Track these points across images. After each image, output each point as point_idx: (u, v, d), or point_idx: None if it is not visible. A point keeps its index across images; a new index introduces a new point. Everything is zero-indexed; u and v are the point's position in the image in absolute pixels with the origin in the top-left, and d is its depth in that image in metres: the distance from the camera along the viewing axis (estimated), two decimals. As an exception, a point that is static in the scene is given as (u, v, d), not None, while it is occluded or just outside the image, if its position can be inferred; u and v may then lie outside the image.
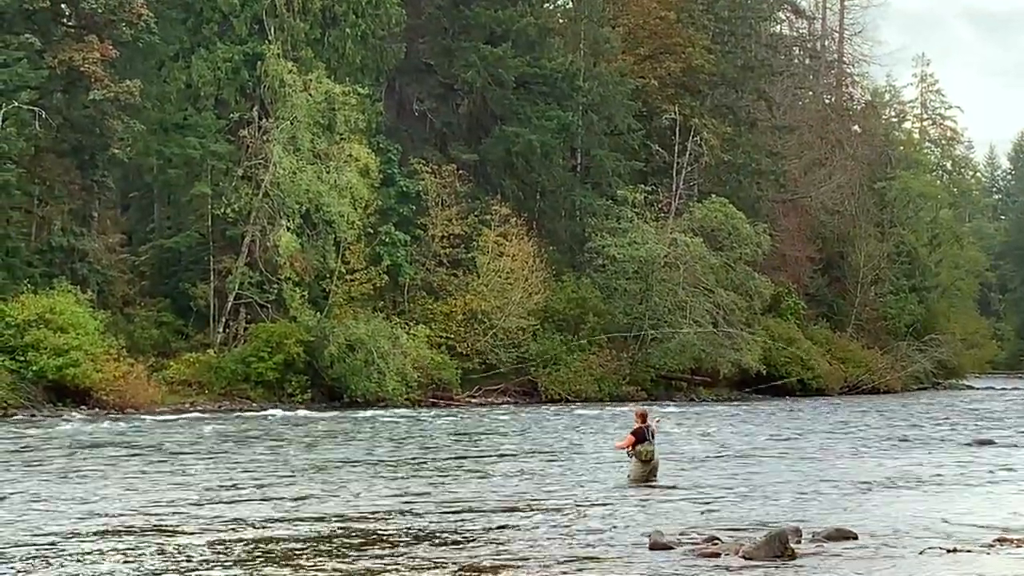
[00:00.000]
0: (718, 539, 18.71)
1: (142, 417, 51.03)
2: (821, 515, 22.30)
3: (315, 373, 62.39)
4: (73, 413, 51.92)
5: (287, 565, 16.93)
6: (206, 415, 53.49)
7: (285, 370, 61.26)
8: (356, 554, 17.88)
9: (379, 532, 19.98)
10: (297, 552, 18.04)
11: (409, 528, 20.50)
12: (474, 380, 68.18)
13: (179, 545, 18.59)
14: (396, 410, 58.33)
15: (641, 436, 27.26)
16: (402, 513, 22.35)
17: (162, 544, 18.66)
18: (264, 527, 20.49)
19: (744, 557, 17.33)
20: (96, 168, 61.33)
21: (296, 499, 24.41)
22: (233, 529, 20.23)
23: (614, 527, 20.61)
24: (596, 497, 24.87)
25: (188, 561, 17.28)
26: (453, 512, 22.59)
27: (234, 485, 26.83)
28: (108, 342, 55.83)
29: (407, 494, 25.34)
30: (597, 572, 16.44)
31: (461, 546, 18.61)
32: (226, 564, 17.05)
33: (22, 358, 53.39)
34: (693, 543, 18.60)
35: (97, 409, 53.62)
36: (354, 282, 66.70)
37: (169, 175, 64.64)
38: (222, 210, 63.13)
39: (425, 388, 64.49)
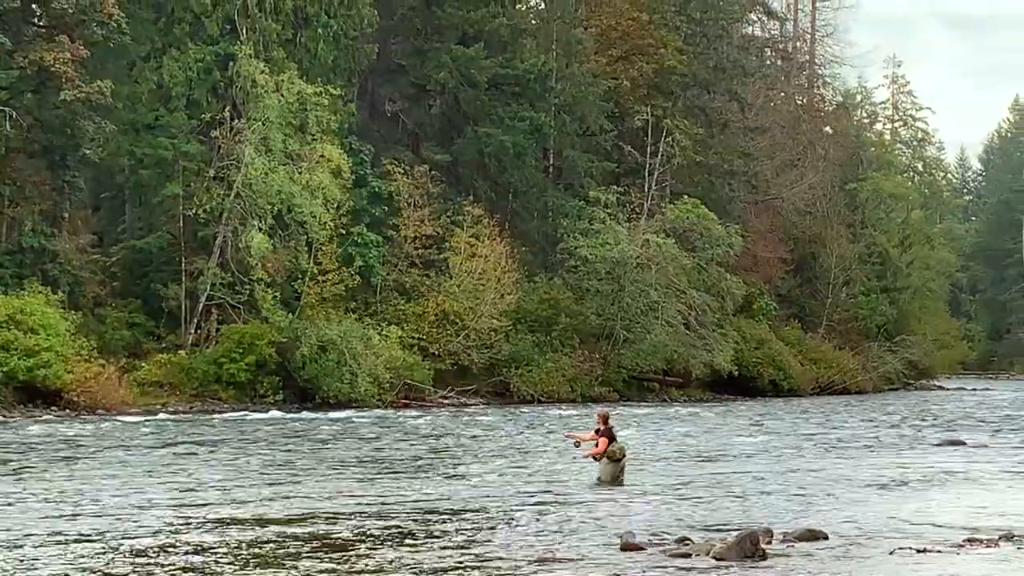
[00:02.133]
0: (689, 540, 18.75)
1: (113, 418, 50.86)
2: (792, 515, 22.36)
3: (287, 374, 62.27)
4: (44, 415, 51.74)
5: (255, 567, 16.89)
6: (177, 416, 53.38)
7: (257, 371, 61.11)
8: (323, 555, 17.85)
9: (347, 533, 19.95)
10: (265, 554, 18.00)
11: (378, 529, 20.47)
12: (446, 381, 68.12)
13: (138, 548, 18.53)
14: (368, 411, 58.27)
15: (610, 436, 27.35)
16: (371, 514, 22.32)
17: (122, 546, 18.60)
18: (230, 529, 20.43)
19: (715, 558, 17.37)
20: (67, 168, 61.12)
21: (264, 500, 24.36)
22: (198, 531, 20.18)
23: (585, 528, 20.63)
24: (567, 498, 24.88)
25: (148, 564, 17.23)
26: (423, 513, 22.58)
27: (201, 487, 26.76)
28: (79, 343, 55.66)
29: (377, 495, 25.32)
30: (568, 573, 16.45)
31: (431, 547, 18.60)
32: (187, 567, 17.00)
33: (-8, 359, 53.17)
34: (664, 544, 18.62)
35: (68, 410, 53.43)
36: (326, 283, 66.60)
37: (140, 176, 64.44)
38: (194, 211, 62.96)
39: (397, 389, 64.40)
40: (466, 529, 20.50)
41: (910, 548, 18.71)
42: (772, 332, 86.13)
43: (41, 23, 61.51)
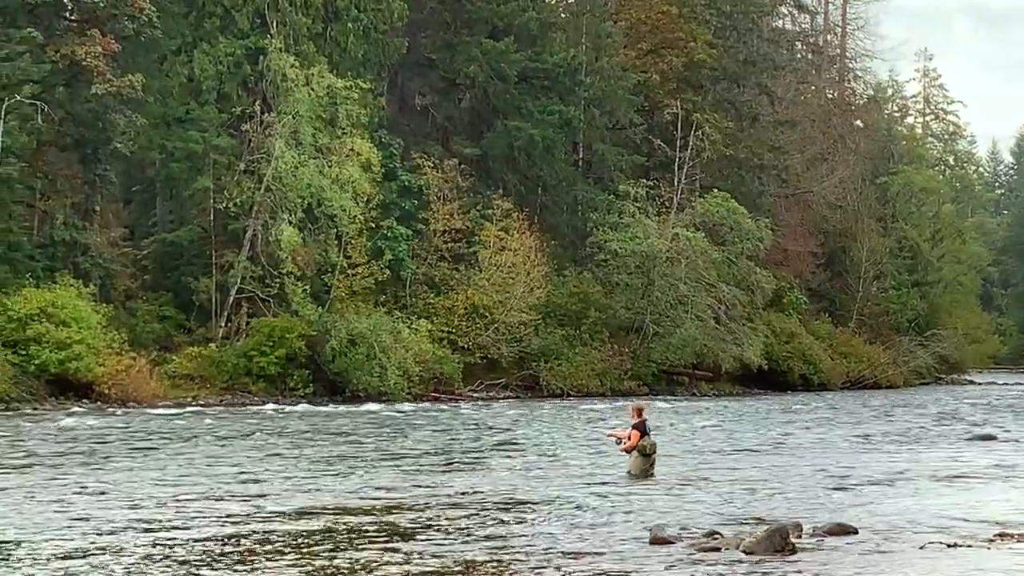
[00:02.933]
0: (719, 534, 18.73)
1: (144, 411, 51.05)
2: (822, 510, 22.32)
3: (317, 367, 62.38)
4: (75, 407, 51.95)
5: (284, 559, 16.94)
6: (208, 409, 53.54)
7: (287, 364, 61.24)
8: (354, 548, 17.88)
9: (377, 526, 19.98)
10: (295, 545, 18.05)
11: (406, 521, 20.51)
12: (476, 375, 68.18)
13: (169, 540, 18.61)
14: (398, 404, 58.33)
15: (642, 431, 27.34)
16: (401, 507, 22.36)
17: (158, 539, 18.68)
18: (261, 521, 20.49)
19: (744, 552, 17.34)
20: (98, 162, 61.34)
21: (294, 492, 24.42)
22: (232, 522, 20.24)
23: (614, 521, 20.63)
24: (596, 491, 24.87)
25: (178, 557, 17.30)
26: (452, 506, 22.60)
27: (233, 479, 26.85)
28: (110, 336, 55.89)
29: (406, 488, 25.35)
30: (598, 566, 16.46)
31: (460, 540, 18.62)
32: (223, 558, 17.06)
33: (24, 352, 53.43)
34: (693, 538, 18.61)
35: (99, 403, 53.67)
36: (356, 276, 66.71)
37: (171, 169, 64.65)
38: (224, 204, 63.15)
39: (427, 383, 64.46)
40: (495, 522, 20.51)
41: (940, 543, 18.66)
42: (802, 326, 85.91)
43: (73, 17, 61.74)
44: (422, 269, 69.99)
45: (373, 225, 67.57)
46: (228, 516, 21.03)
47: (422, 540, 18.65)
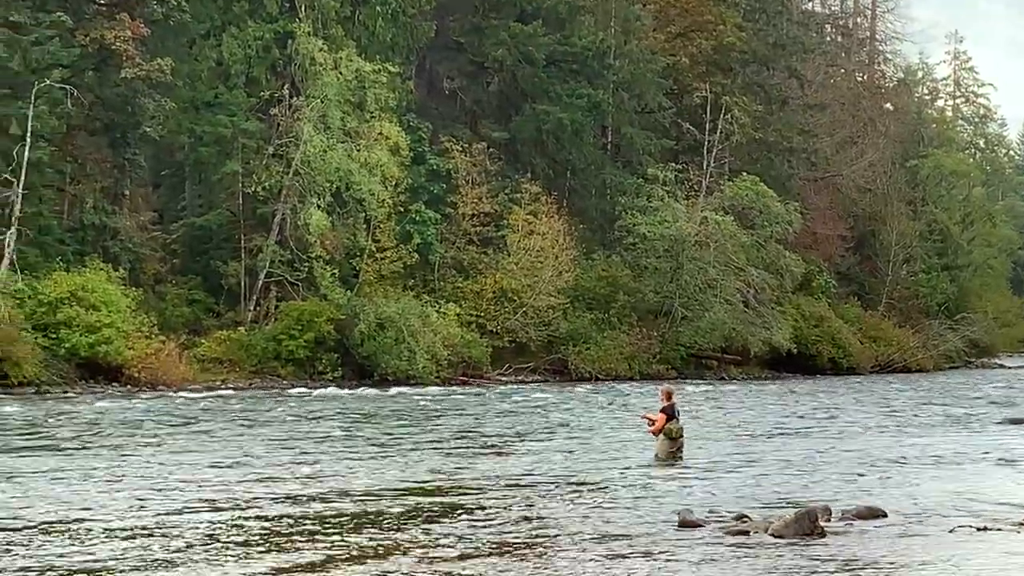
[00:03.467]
0: (747, 517, 18.70)
1: (174, 394, 51.23)
2: (850, 493, 22.27)
3: (345, 351, 62.48)
4: (105, 390, 52.16)
5: (315, 542, 16.98)
6: (237, 393, 53.69)
7: (316, 348, 61.37)
8: (383, 531, 17.92)
9: (408, 508, 20.02)
10: (325, 529, 18.09)
11: (435, 504, 20.54)
12: (504, 358, 68.21)
13: (204, 522, 18.68)
14: (426, 388, 58.40)
15: (670, 414, 27.33)
16: (431, 490, 22.40)
17: (196, 522, 18.75)
18: (290, 504, 20.55)
19: (773, 535, 17.32)
20: (127, 146, 61.52)
21: (324, 476, 24.48)
22: (259, 506, 20.31)
23: (642, 504, 20.63)
24: (624, 475, 24.87)
25: (215, 540, 17.36)
26: (481, 489, 22.62)
27: (262, 462, 26.93)
28: (140, 320, 56.08)
29: (435, 471, 25.39)
30: (627, 549, 16.46)
31: (489, 523, 18.63)
32: (257, 540, 17.11)
33: (54, 335, 53.65)
34: (722, 521, 18.60)
35: (129, 386, 53.87)
36: (384, 260, 66.78)
37: (200, 153, 64.79)
38: (253, 188, 63.27)
39: (455, 366, 64.50)
40: (524, 504, 20.52)
41: (970, 526, 18.60)
42: (831, 310, 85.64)
43: (102, 1, 61.87)
44: (450, 253, 70.01)
45: (401, 209, 67.62)
46: (282, 496, 21.13)
47: (452, 522, 18.67)
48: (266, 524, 18.44)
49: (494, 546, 16.65)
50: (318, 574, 14.64)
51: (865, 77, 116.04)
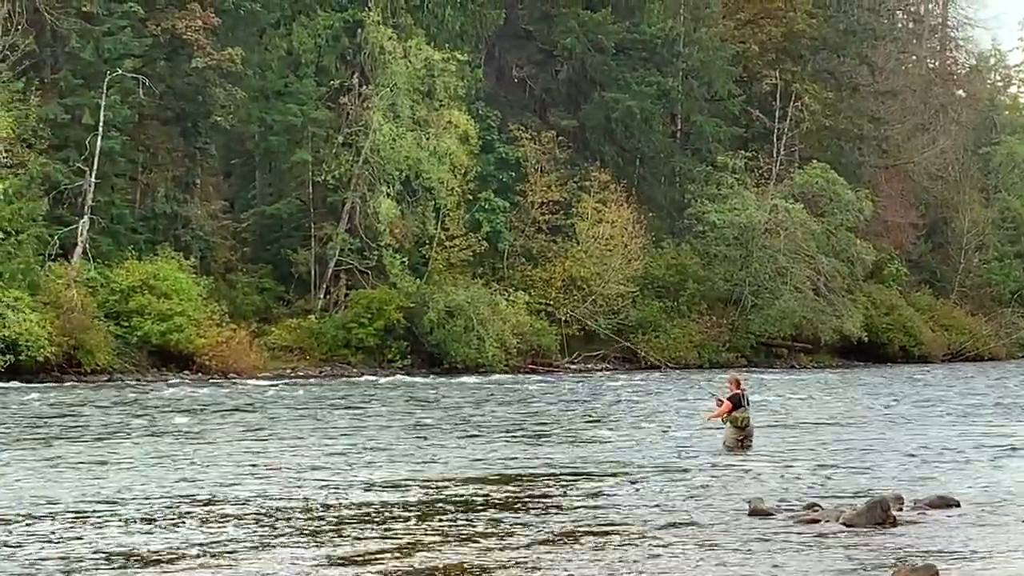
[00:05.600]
0: (818, 506, 18.59)
1: (245, 382, 51.55)
2: (923, 482, 22.11)
3: (415, 339, 62.67)
4: (176, 378, 52.57)
5: (383, 530, 17.03)
6: (308, 380, 53.94)
7: (385, 336, 61.60)
8: (450, 519, 17.94)
9: (474, 497, 20.04)
10: (393, 516, 18.14)
11: (505, 492, 20.55)
12: (573, 347, 68.22)
13: (272, 508, 18.77)
14: (495, 376, 58.48)
15: (737, 402, 27.23)
16: (497, 479, 22.41)
17: (266, 508, 18.85)
18: (359, 491, 20.61)
19: (845, 524, 17.21)
20: (198, 135, 61.95)
21: (394, 463, 24.56)
22: (329, 492, 20.39)
23: (712, 493, 20.56)
24: (693, 464, 24.81)
25: (284, 526, 17.46)
26: (551, 477, 22.63)
27: (331, 449, 27.05)
28: (211, 308, 56.50)
29: (503, 460, 25.41)
30: (697, 538, 16.40)
31: (557, 512, 18.63)
32: (325, 527, 17.19)
33: (127, 323, 54.18)
34: (793, 510, 18.50)
35: (200, 374, 54.28)
36: (453, 248, 66.90)
37: (270, 142, 65.10)
38: (323, 177, 63.56)
39: (524, 355, 64.60)
40: (594, 493, 20.51)
41: (1045, 516, 18.42)
42: (903, 298, 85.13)
43: (173, -9, 62.25)
44: (519, 241, 70.03)
45: (471, 197, 67.72)
46: (350, 484, 21.22)
47: (521, 511, 18.68)
48: (333, 511, 18.51)
49: (563, 535, 16.64)
50: (385, 562, 14.67)
51: (937, 63, 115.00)
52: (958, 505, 19.15)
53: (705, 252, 74.89)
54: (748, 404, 27.61)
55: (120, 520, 17.60)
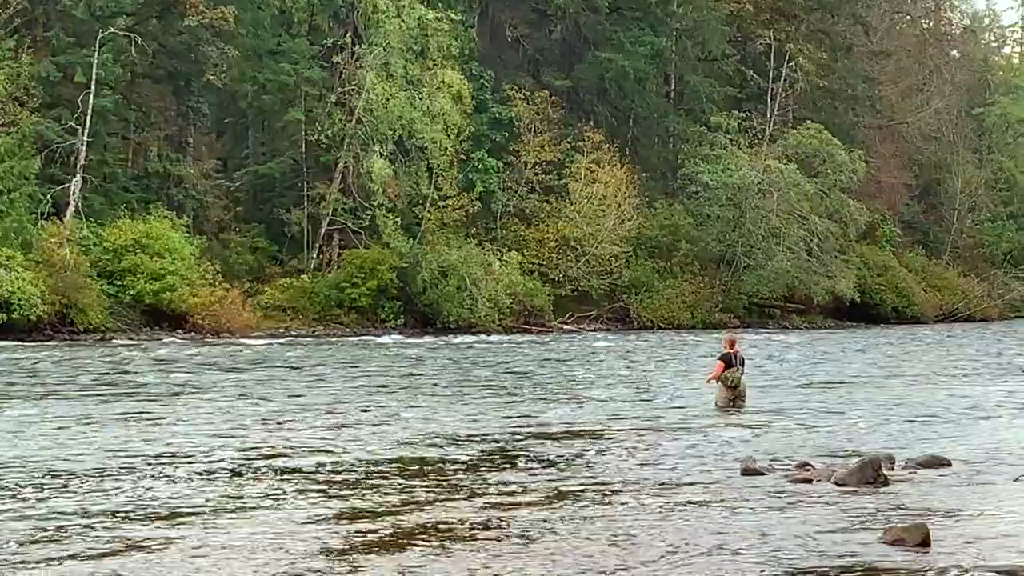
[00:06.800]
0: (810, 465, 18.64)
1: (238, 341, 51.56)
2: (914, 442, 22.17)
3: (408, 299, 62.71)
4: (169, 337, 52.57)
5: (377, 488, 17.07)
6: (301, 340, 53.95)
7: (378, 296, 61.63)
8: (445, 478, 17.98)
9: (469, 456, 20.08)
10: (386, 475, 18.17)
11: (497, 453, 20.58)
12: (566, 307, 68.28)
13: (266, 467, 18.81)
14: (488, 336, 58.54)
15: (728, 362, 27.26)
16: (492, 438, 22.45)
17: (260, 467, 18.89)
18: (354, 451, 20.65)
19: (836, 483, 17.26)
20: (191, 94, 61.81)
21: (386, 423, 24.58)
22: (323, 452, 20.43)
23: (704, 452, 20.60)
24: (686, 423, 24.85)
25: (280, 484, 17.49)
26: (544, 437, 22.66)
27: (324, 409, 27.08)
28: (203, 267, 56.50)
29: (497, 419, 25.45)
30: (689, 497, 16.45)
31: (552, 471, 18.67)
32: (321, 486, 17.22)
33: (120, 283, 54.19)
34: (785, 469, 18.55)
35: (193, 333, 54.28)
36: (447, 208, 66.87)
37: (263, 101, 64.99)
38: (316, 136, 63.46)
39: (517, 315, 64.67)
40: (587, 452, 20.54)
41: (1036, 476, 18.48)
42: (895, 259, 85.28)
43: (165, -51, 62.03)
44: (513, 201, 70.03)
45: (464, 157, 67.67)
46: (345, 443, 21.27)
47: (513, 470, 18.71)
48: (330, 470, 18.54)
49: (555, 493, 16.67)
50: (378, 520, 14.71)
51: (931, 24, 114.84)
52: (949, 464, 19.20)
53: (698, 212, 74.93)
54: (741, 364, 27.65)
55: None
